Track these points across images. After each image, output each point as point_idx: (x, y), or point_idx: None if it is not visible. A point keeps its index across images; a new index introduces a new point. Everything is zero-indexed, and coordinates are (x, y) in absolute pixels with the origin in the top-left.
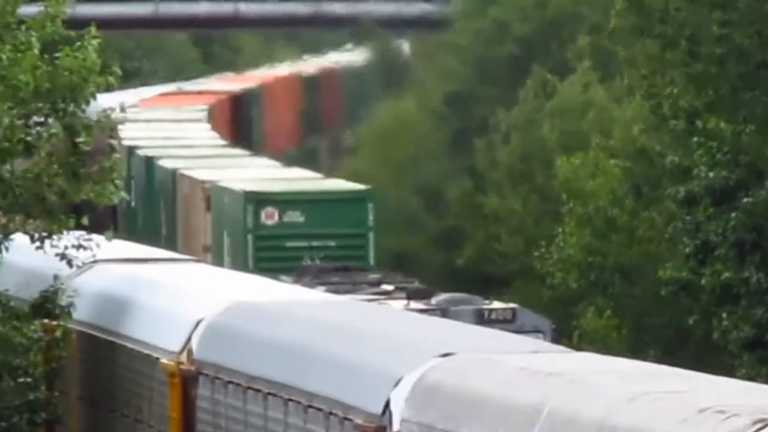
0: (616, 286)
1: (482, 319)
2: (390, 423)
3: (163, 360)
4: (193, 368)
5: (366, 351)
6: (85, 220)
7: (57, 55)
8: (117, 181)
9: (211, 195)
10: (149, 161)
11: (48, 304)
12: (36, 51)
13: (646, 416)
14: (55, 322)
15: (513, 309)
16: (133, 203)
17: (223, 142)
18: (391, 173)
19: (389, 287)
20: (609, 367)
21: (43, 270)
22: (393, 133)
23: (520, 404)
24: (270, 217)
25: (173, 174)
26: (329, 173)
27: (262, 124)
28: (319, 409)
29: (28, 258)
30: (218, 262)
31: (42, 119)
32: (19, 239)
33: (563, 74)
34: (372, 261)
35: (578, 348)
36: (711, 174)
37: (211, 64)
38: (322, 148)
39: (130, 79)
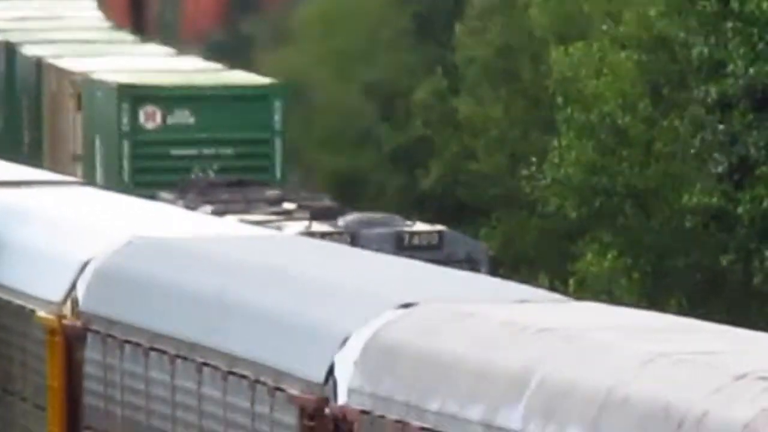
0: (627, 216)
1: (401, 244)
2: (334, 394)
3: (40, 313)
4: (78, 323)
5: (303, 301)
6: None
7: None
8: None
9: (82, 90)
10: (10, 48)
11: None
12: None
13: (665, 384)
14: None
15: (440, 232)
16: None
17: (108, 25)
18: (336, 70)
19: (291, 206)
20: (617, 321)
21: None
22: (340, 18)
23: (502, 369)
24: (151, 117)
25: (38, 64)
26: (257, 69)
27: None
28: (243, 377)
29: None
30: (90, 174)
31: None
32: None
33: None
34: (279, 173)
35: (577, 297)
36: (751, 70)
37: None
38: (260, 35)
39: None
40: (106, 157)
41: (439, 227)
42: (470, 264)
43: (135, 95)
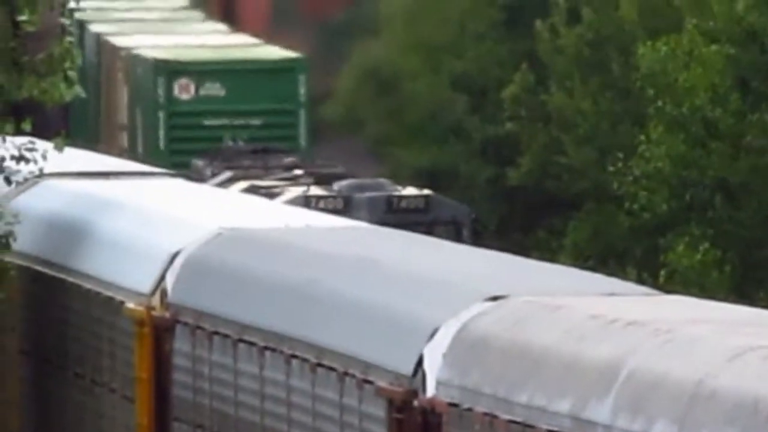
0: (717, 209)
1: (391, 207)
2: (423, 386)
3: (129, 304)
4: (167, 315)
5: (392, 293)
6: (27, 124)
7: None
8: (70, 73)
9: (128, 65)
10: (81, 26)
11: None
12: None
13: (754, 378)
14: None
15: (426, 196)
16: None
17: (183, 5)
18: (423, 63)
19: (300, 172)
20: (707, 314)
21: None
22: (427, 8)
23: (591, 363)
24: (185, 90)
25: (97, 40)
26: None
27: None
28: (331, 369)
29: None
30: (132, 143)
31: None
32: None
33: None
34: (303, 142)
35: (667, 290)
36: None
37: None
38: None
39: None
40: (145, 127)
41: (426, 192)
42: (454, 225)
43: (170, 69)
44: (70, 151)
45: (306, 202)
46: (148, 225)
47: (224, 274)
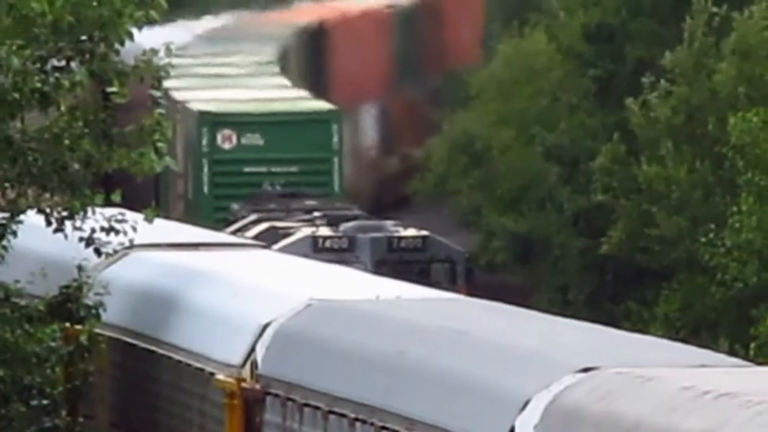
0: None
1: (391, 247)
2: None
3: (220, 376)
4: (258, 387)
5: (482, 365)
6: (116, 196)
7: None
8: (160, 145)
9: (182, 117)
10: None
11: (70, 303)
12: None
13: None
14: (79, 326)
15: (424, 237)
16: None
17: (270, 59)
18: (516, 134)
19: (318, 214)
20: None
21: (64, 259)
22: (519, 80)
23: None
24: (227, 139)
25: (173, 101)
26: (429, 132)
27: (337, 66)
28: None
29: (44, 243)
30: (186, 190)
31: (63, 63)
32: (33, 219)
33: (734, 6)
34: (337, 188)
35: (758, 362)
36: None
37: None
38: (422, 98)
39: (179, 8)
40: (192, 174)
41: (424, 233)
42: (450, 263)
43: (213, 120)
44: (159, 222)
45: (314, 242)
46: (238, 296)
47: (314, 346)
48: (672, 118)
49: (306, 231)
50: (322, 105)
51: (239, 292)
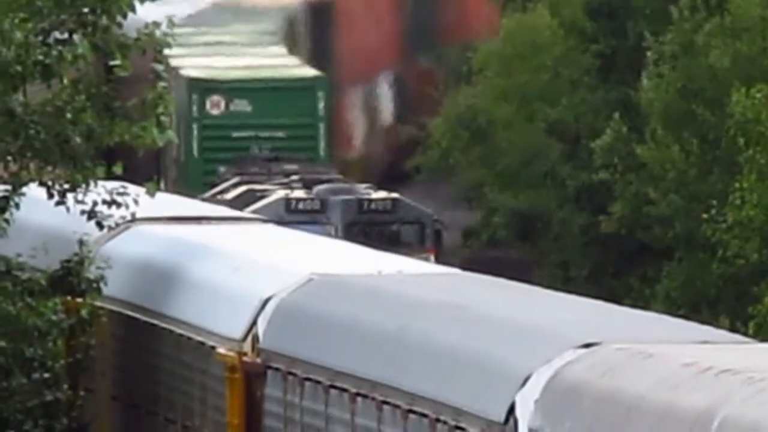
0: None
1: (361, 209)
2: None
3: (221, 350)
4: (259, 360)
5: (484, 340)
6: (118, 168)
7: None
8: (162, 118)
9: (173, 84)
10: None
11: (71, 276)
12: None
13: None
14: (80, 300)
15: (393, 199)
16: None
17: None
18: (517, 110)
19: (296, 178)
20: None
21: (66, 232)
22: (521, 56)
23: (683, 411)
24: (216, 105)
25: (173, 71)
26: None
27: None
28: (424, 415)
29: (45, 217)
30: (178, 155)
31: (65, 36)
32: (35, 193)
33: None
34: (322, 153)
35: (759, 339)
36: None
37: None
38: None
39: None
40: (183, 138)
41: (394, 195)
42: (419, 225)
43: (203, 87)
44: (161, 196)
45: (287, 203)
46: (240, 270)
47: (316, 320)
48: (667, 98)
49: (280, 193)
50: (308, 72)
51: (241, 266)
